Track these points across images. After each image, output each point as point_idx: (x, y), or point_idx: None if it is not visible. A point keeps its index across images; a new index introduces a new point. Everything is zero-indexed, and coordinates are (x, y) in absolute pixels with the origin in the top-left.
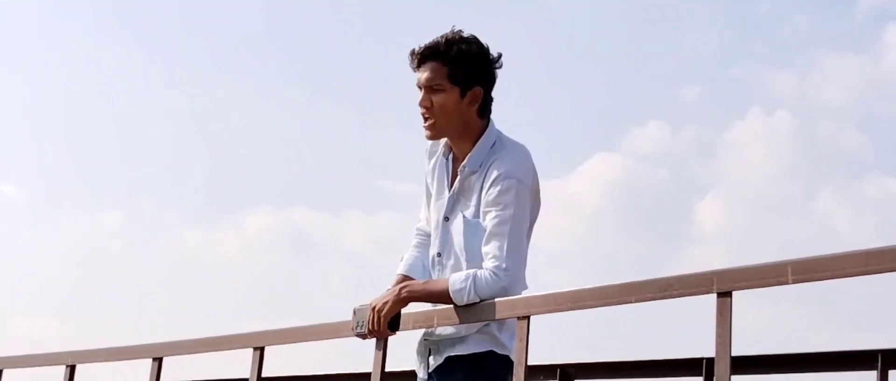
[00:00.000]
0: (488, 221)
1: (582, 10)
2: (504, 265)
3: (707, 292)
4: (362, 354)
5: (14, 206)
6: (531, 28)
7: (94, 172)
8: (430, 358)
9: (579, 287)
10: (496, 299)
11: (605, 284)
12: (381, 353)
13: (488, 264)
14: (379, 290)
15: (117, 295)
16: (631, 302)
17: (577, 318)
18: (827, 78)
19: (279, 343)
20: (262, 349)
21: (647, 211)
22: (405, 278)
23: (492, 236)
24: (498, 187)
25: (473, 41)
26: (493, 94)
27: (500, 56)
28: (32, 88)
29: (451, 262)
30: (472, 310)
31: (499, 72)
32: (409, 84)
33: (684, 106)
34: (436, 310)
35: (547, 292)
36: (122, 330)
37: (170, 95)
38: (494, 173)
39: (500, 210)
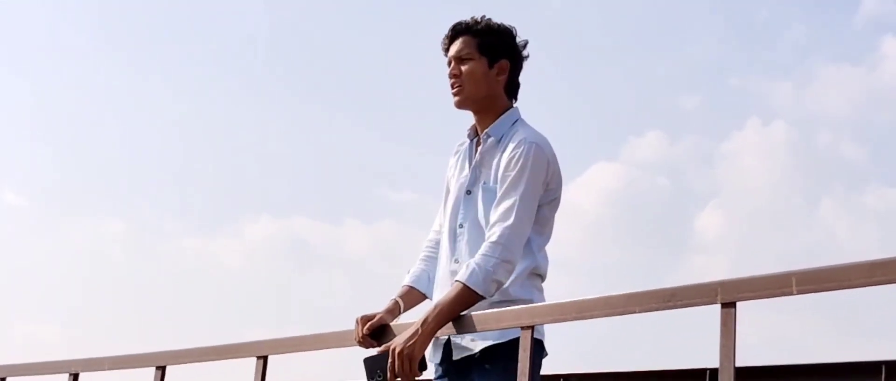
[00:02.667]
0: (502, 183)
1: (580, 19)
2: (499, 231)
3: (711, 303)
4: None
5: (17, 213)
6: (529, 37)
7: (97, 180)
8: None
9: (583, 297)
10: (502, 309)
11: (609, 293)
12: None
13: (487, 235)
14: (379, 298)
15: (120, 302)
16: (635, 312)
17: (581, 328)
18: (825, 88)
19: (282, 352)
20: (265, 358)
21: (648, 220)
22: (411, 289)
23: (503, 196)
24: (517, 151)
25: (502, 23)
26: (520, 81)
27: (526, 43)
28: (35, 96)
29: (474, 231)
30: (478, 321)
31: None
32: (409, 94)
33: (683, 115)
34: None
35: (551, 302)
36: (126, 336)
37: (171, 103)
38: (513, 142)
39: (515, 170)
